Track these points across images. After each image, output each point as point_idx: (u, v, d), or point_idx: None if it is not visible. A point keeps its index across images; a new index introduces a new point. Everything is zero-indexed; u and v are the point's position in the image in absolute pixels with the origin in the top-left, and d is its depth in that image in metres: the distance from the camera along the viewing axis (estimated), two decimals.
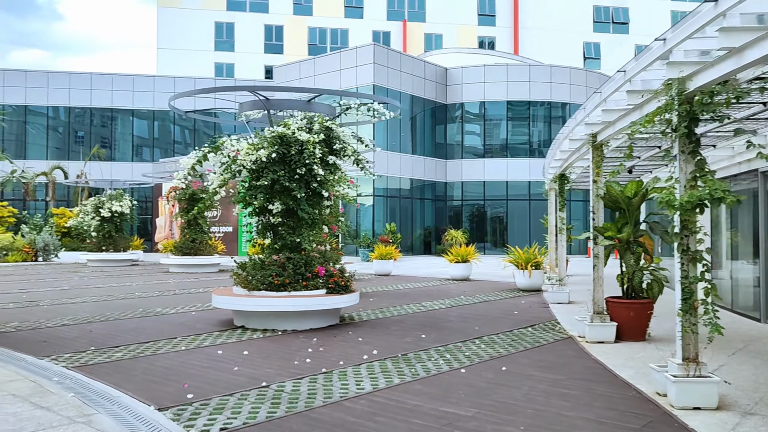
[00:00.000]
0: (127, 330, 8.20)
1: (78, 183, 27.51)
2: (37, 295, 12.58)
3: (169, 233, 30.21)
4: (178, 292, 13.24)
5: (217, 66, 43.04)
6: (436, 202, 31.11)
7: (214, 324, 8.71)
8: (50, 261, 24.53)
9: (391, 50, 28.40)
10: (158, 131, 35.17)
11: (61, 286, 14.65)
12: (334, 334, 7.89)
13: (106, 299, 11.82)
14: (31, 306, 10.77)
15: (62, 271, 19.54)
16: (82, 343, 7.28)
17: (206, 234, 19.92)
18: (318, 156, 8.37)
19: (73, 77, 33.21)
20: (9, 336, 7.76)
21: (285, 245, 8.69)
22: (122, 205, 22.29)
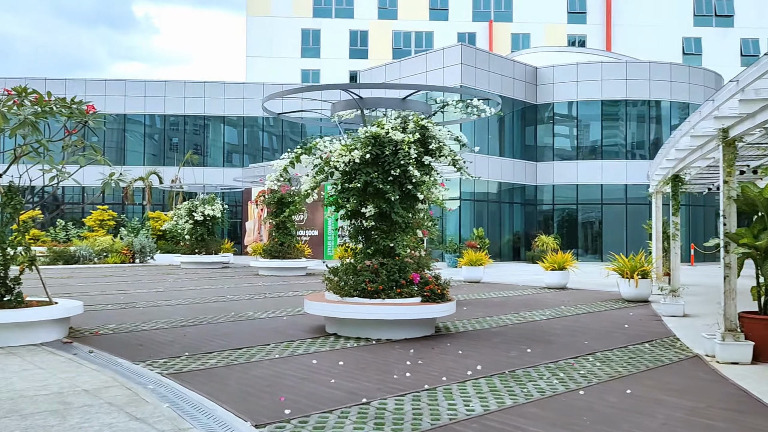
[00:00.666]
0: (221, 334, 8.06)
1: (172, 187, 28.50)
2: (134, 296, 12.85)
3: (258, 236, 30.78)
4: (268, 295, 13.19)
5: (304, 72, 43.71)
6: (525, 207, 30.09)
7: (306, 330, 8.44)
8: (146, 263, 25.44)
9: (479, 50, 27.73)
10: (247, 137, 36.02)
11: (156, 287, 14.97)
12: (431, 346, 7.42)
13: (199, 302, 11.89)
14: (128, 308, 10.94)
15: (157, 273, 20.12)
16: (177, 347, 7.17)
17: (294, 237, 19.97)
18: (413, 156, 7.94)
19: (168, 85, 34.54)
20: (107, 338, 7.78)
21: (378, 250, 8.30)
22: (214, 208, 22.78)
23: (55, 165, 7.70)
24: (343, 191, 8.25)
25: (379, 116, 8.75)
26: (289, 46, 44.20)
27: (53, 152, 7.92)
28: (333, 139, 8.18)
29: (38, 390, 5.06)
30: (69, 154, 8.18)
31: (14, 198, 7.47)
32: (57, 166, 7.73)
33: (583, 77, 28.77)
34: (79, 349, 6.99)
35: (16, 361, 6.19)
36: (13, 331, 7.07)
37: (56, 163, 7.76)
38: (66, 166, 8.02)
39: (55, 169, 7.71)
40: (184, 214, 23.15)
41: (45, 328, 7.36)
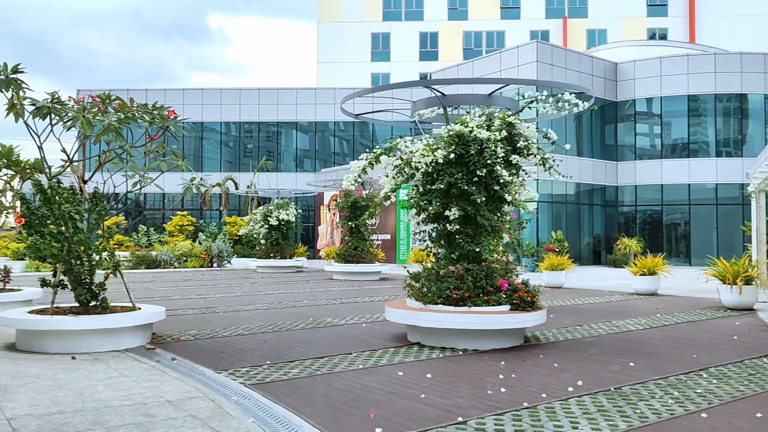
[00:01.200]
0: (301, 342, 7.85)
1: (248, 193, 28.97)
2: (213, 301, 12.92)
3: (330, 241, 30.85)
4: (344, 300, 12.98)
5: (374, 76, 43.73)
6: (605, 208, 28.84)
7: (387, 338, 8.12)
8: (224, 267, 25.92)
9: (555, 47, 26.81)
10: (318, 142, 36.32)
11: (234, 292, 15.06)
12: (522, 357, 6.93)
13: (277, 306, 11.80)
14: (208, 312, 10.96)
15: (234, 277, 20.38)
16: (258, 355, 6.99)
17: (368, 241, 19.76)
18: (500, 155, 7.49)
19: (243, 93, 35.28)
20: (189, 345, 7.71)
21: (462, 255, 7.88)
22: (288, 213, 22.92)
23: (138, 171, 7.71)
24: (424, 193, 7.89)
25: (462, 114, 8.33)
26: (359, 51, 44.36)
27: (136, 158, 7.95)
28: (414, 139, 7.83)
29: (123, 400, 4.93)
30: (151, 160, 8.20)
31: (99, 204, 7.51)
32: (139, 171, 7.74)
33: (667, 72, 27.32)
34: (161, 356, 6.93)
35: (101, 368, 6.15)
36: (99, 337, 7.08)
37: (139, 169, 7.78)
38: (148, 172, 8.04)
39: (138, 175, 7.72)
40: (260, 219, 23.42)
41: (129, 334, 7.35)
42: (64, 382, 5.50)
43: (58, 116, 7.22)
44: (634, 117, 28.51)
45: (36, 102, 7.29)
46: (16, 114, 7.92)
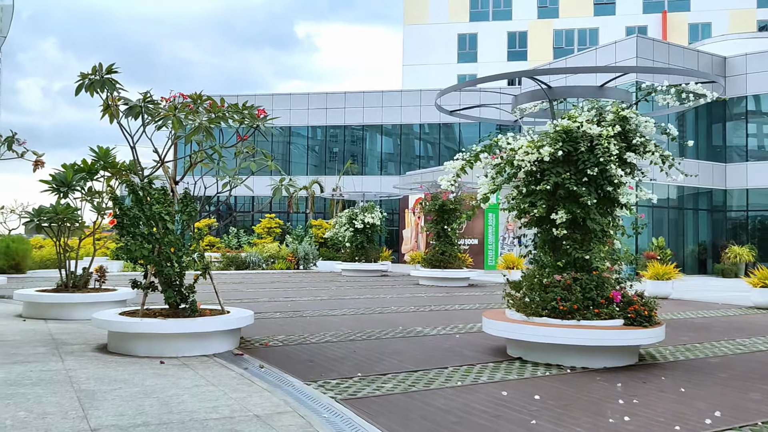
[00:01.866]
0: (392, 352, 7.39)
1: (333, 196, 29.03)
2: (300, 304, 12.72)
3: (415, 245, 30.42)
4: (433, 308, 12.45)
5: (460, 78, 43.03)
6: (712, 213, 26.82)
7: (484, 351, 7.53)
8: (309, 269, 26.00)
9: (657, 41, 25.21)
10: (403, 146, 35.99)
11: (321, 295, 14.86)
12: (641, 379, 6.16)
13: (364, 312, 11.43)
14: (295, 317, 10.72)
15: (320, 280, 20.29)
16: (348, 366, 6.58)
17: (455, 246, 19.14)
18: (614, 153, 6.74)
19: (330, 97, 35.52)
20: (277, 351, 7.42)
21: (569, 263, 7.17)
22: (373, 216, 22.66)
23: (228, 171, 7.51)
24: (527, 194, 7.24)
25: (568, 109, 7.63)
26: (446, 52, 43.79)
27: (226, 158, 7.77)
28: (517, 136, 7.20)
29: (209, 413, 4.63)
30: (240, 161, 8.01)
31: (189, 205, 7.36)
32: (230, 172, 7.54)
33: None
34: (249, 362, 6.65)
35: (188, 374, 5.92)
36: (187, 341, 6.90)
37: (229, 170, 7.58)
38: (238, 173, 7.85)
39: (228, 176, 7.52)
40: (345, 222, 23.29)
41: (217, 338, 7.14)
42: (150, 389, 5.28)
43: (150, 116, 7.13)
44: (745, 115, 26.36)
45: (129, 102, 7.23)
46: (111, 115, 7.93)
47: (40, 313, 9.78)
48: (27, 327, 8.80)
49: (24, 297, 9.89)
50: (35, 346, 7.23)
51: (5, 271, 19.90)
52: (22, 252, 20.38)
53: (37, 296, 9.80)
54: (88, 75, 7.56)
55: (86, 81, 7.57)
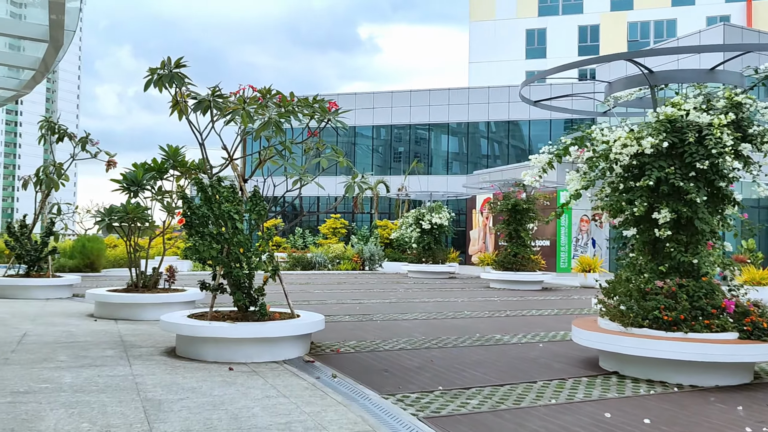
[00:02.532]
0: (473, 363, 6.84)
1: (399, 196, 28.61)
2: (369, 307, 12.31)
3: (483, 246, 29.63)
4: (509, 313, 11.78)
5: (528, 74, 41.84)
6: None
7: (574, 363, 6.87)
8: (375, 270, 25.65)
9: (745, 29, 23.57)
10: (470, 145, 35.21)
11: (389, 298, 14.42)
12: (765, 402, 5.38)
13: (436, 317, 10.90)
14: (365, 320, 10.30)
15: (386, 282, 19.87)
16: (427, 377, 6.07)
17: (529, 248, 18.32)
18: (728, 144, 5.97)
19: (395, 96, 35.13)
20: (349, 359, 6.99)
21: (673, 267, 6.43)
22: (441, 216, 22.07)
23: (298, 168, 7.14)
24: (625, 191, 6.54)
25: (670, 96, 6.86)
26: (513, 49, 42.70)
27: (296, 155, 7.42)
28: (614, 127, 6.51)
29: (281, 429, 4.22)
30: (310, 158, 7.64)
31: (259, 204, 7.02)
32: (299, 169, 7.17)
33: None
34: (321, 371, 6.24)
35: (258, 383, 5.55)
36: (257, 346, 6.56)
37: (298, 167, 7.21)
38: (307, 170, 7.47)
39: (297, 173, 7.15)
40: (411, 222, 22.80)
41: (288, 343, 6.77)
42: (219, 400, 4.93)
43: (219, 110, 6.84)
44: None
45: (198, 96, 6.96)
46: (179, 111, 7.71)
47: (111, 313, 9.73)
48: (97, 327, 8.72)
49: (95, 297, 9.88)
50: (104, 348, 7.07)
51: (81, 270, 20.42)
52: (96, 251, 20.88)
53: (107, 296, 9.75)
54: (156, 70, 7.36)
55: (155, 76, 7.37)
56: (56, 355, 6.58)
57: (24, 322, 9.04)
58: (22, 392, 4.97)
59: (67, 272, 19.52)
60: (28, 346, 7.03)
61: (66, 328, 8.57)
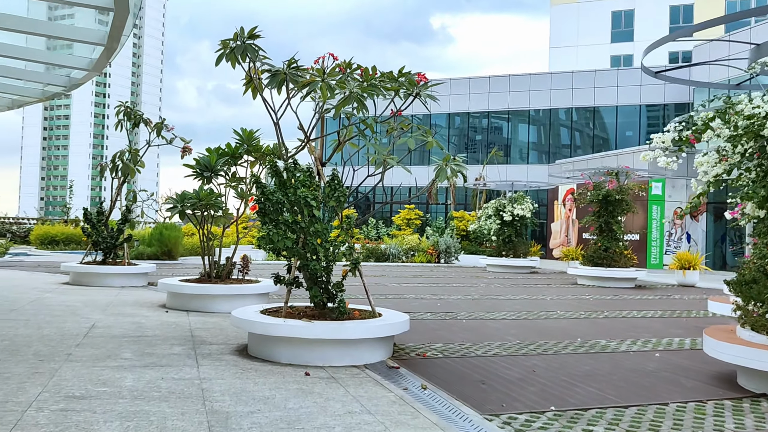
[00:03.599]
0: (582, 375, 5.88)
1: (476, 186, 27.50)
2: (451, 304, 11.45)
3: (565, 239, 28.15)
4: (607, 314, 10.65)
5: (614, 59, 39.63)
6: None
7: (707, 380, 5.78)
8: (451, 263, 24.72)
9: None
10: (550, 133, 33.57)
11: (470, 293, 13.51)
12: None
13: (526, 317, 9.92)
14: (449, 319, 9.45)
15: (465, 276, 18.92)
16: (532, 393, 5.17)
17: (621, 242, 16.92)
18: None
19: (473, 82, 33.91)
20: (437, 365, 6.16)
21: None
22: (524, 208, 20.88)
23: (382, 149, 6.36)
24: None
25: None
26: (598, 32, 40.48)
27: (378, 135, 6.64)
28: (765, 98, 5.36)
29: None
30: (395, 138, 6.85)
31: (338, 189, 6.29)
32: (383, 150, 6.39)
33: None
34: (408, 379, 5.45)
35: (339, 394, 4.81)
36: (335, 348, 5.84)
37: (382, 148, 6.43)
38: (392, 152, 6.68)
39: (382, 155, 6.36)
40: (491, 214, 21.72)
41: (369, 346, 6.03)
42: (294, 415, 4.21)
43: (294, 82, 6.13)
44: None
45: (273, 67, 6.28)
46: (253, 89, 7.08)
47: (183, 304, 9.31)
48: (168, 319, 8.27)
49: (167, 287, 9.48)
50: (172, 344, 6.54)
51: (159, 258, 20.54)
52: (174, 239, 20.96)
53: (179, 286, 9.33)
54: (228, 43, 6.73)
55: (227, 50, 6.75)
56: (121, 351, 6.09)
57: (95, 312, 8.72)
58: (77, 397, 4.42)
59: (145, 260, 19.65)
60: (94, 340, 6.59)
61: (136, 319, 8.17)
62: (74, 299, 10.03)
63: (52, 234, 25.63)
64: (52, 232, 25.77)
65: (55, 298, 10.03)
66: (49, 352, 5.92)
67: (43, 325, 7.43)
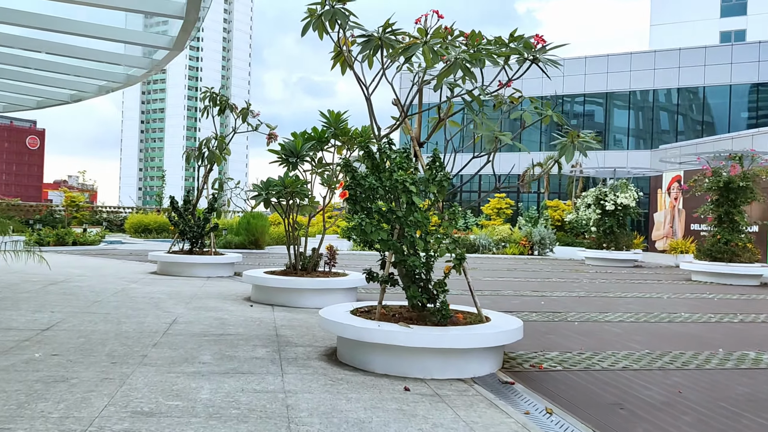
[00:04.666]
0: (743, 400, 4.75)
1: (572, 173, 25.86)
2: (555, 302, 10.35)
3: (670, 231, 26.07)
4: (742, 318, 9.23)
5: (723, 35, 36.49)
6: None
7: None
8: (545, 256, 23.34)
9: None
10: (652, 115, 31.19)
11: (574, 290, 12.31)
12: None
13: (647, 319, 8.71)
14: (557, 320, 8.40)
15: (563, 269, 17.61)
16: (690, 426, 4.13)
17: (745, 234, 15.12)
18: None
19: (568, 63, 32.02)
20: (559, 381, 5.19)
21: None
22: (627, 196, 19.25)
23: (491, 124, 5.43)
24: None
25: None
26: (704, 6, 37.35)
27: (488, 106, 5.71)
28: None
29: None
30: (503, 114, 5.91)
31: (439, 171, 5.42)
32: (492, 125, 5.46)
33: None
34: (527, 399, 4.54)
35: (447, 418, 3.97)
36: (439, 359, 5.00)
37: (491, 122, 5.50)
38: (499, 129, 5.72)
39: (493, 134, 5.43)
40: (591, 203, 20.20)
41: (477, 355, 5.15)
42: None
43: (390, 48, 5.30)
44: None
45: (366, 32, 5.48)
46: (342, 63, 6.32)
47: (268, 297, 8.75)
48: (252, 315, 7.71)
49: (252, 279, 8.96)
50: (255, 345, 5.91)
51: (246, 247, 20.44)
52: (260, 228, 20.80)
53: (264, 279, 8.78)
54: (315, 10, 5.98)
55: (313, 19, 6.00)
56: (200, 353, 5.50)
57: (178, 304, 8.30)
58: (146, 413, 3.81)
59: (232, 249, 19.58)
60: (172, 338, 6.07)
61: (218, 314, 7.65)
62: (159, 290, 9.72)
63: (145, 223, 26.26)
64: (145, 221, 26.40)
65: (140, 290, 9.75)
66: (124, 352, 5.41)
67: (123, 319, 7.02)
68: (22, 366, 4.79)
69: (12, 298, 8.32)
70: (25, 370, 4.66)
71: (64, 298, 8.51)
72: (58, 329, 6.30)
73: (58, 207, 30.04)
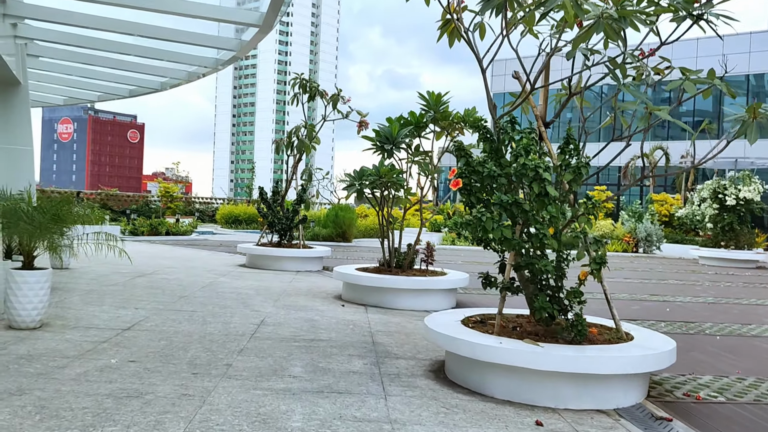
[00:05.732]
0: None
1: (682, 163, 23.78)
2: (683, 309, 9.06)
3: None
4: None
5: None
6: None
7: None
8: (651, 254, 21.53)
9: None
10: None
11: (698, 294, 10.89)
12: None
13: None
14: (695, 333, 7.20)
15: (676, 270, 15.98)
16: None
17: None
18: None
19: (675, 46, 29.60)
20: (726, 419, 4.13)
21: None
22: (751, 190, 17.29)
23: (642, 96, 4.41)
24: None
25: None
26: None
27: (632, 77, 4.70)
28: None
29: None
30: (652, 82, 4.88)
31: (574, 155, 4.47)
32: (643, 95, 4.44)
33: None
34: None
35: None
36: (573, 385, 4.08)
37: (641, 94, 4.49)
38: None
39: (642, 109, 4.41)
40: (707, 196, 18.32)
41: (621, 382, 4.20)
42: None
43: (518, 5, 4.38)
44: None
45: None
46: (451, 33, 5.47)
47: (360, 296, 8.05)
48: (344, 316, 7.01)
49: (343, 276, 8.28)
50: (350, 355, 5.17)
51: (333, 239, 20.00)
52: (348, 221, 20.30)
53: (356, 277, 8.08)
54: None
55: None
56: (290, 363, 4.82)
57: (266, 302, 7.73)
58: None
59: (320, 241, 19.18)
60: (260, 344, 5.44)
61: (309, 315, 7.01)
62: (247, 285, 9.24)
63: (236, 213, 26.43)
64: (236, 212, 26.58)
65: (228, 284, 9.30)
66: (207, 360, 4.81)
67: (209, 319, 6.49)
68: (95, 375, 4.26)
69: (98, 291, 8.03)
70: (97, 381, 4.12)
71: (151, 292, 8.14)
72: (140, 329, 5.82)
73: (154, 198, 30.90)
